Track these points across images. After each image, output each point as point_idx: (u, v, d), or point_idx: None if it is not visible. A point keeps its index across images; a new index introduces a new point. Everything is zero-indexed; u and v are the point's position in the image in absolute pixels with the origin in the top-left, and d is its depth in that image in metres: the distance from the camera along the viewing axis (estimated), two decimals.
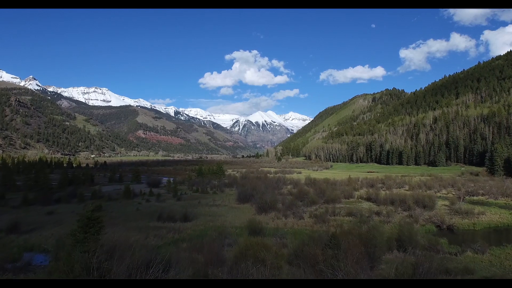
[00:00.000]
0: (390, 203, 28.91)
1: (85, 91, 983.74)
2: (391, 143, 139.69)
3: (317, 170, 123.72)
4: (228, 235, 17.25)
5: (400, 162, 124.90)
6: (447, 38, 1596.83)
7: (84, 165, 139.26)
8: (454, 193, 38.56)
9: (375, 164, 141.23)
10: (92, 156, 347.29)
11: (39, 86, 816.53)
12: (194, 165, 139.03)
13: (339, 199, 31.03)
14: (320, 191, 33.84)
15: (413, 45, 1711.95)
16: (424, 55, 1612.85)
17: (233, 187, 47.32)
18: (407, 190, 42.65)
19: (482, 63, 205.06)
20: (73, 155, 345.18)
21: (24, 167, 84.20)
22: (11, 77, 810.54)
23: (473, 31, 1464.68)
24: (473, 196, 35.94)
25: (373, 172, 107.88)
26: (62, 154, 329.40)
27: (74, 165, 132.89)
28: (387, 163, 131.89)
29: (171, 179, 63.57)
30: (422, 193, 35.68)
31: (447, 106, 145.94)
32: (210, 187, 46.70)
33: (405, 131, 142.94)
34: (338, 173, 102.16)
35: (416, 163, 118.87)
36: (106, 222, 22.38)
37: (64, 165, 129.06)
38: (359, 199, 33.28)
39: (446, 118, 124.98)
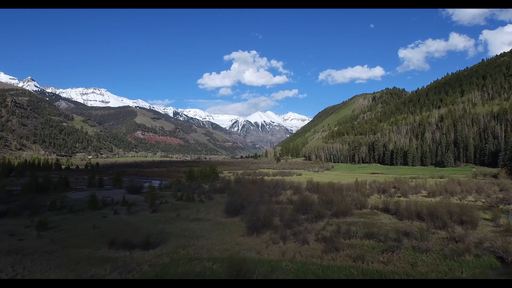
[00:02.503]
0: (416, 217, 22.96)
1: (84, 92, 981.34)
2: (395, 142, 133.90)
3: (318, 171, 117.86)
4: (199, 277, 11.31)
5: (405, 163, 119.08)
6: (445, 38, 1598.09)
7: (74, 166, 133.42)
8: (483, 200, 32.63)
9: (378, 164, 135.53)
10: (89, 157, 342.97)
11: (37, 87, 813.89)
12: (190, 166, 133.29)
13: (351, 210, 25.03)
14: (327, 200, 27.86)
15: (412, 45, 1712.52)
16: (423, 55, 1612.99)
17: (224, 193, 41.28)
18: (426, 197, 36.74)
19: (486, 60, 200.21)
20: (70, 157, 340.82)
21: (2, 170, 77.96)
22: (9, 78, 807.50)
23: (472, 30, 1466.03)
24: (508, 204, 30.04)
25: (377, 173, 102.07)
26: (58, 155, 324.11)
27: (63, 166, 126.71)
28: (391, 164, 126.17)
29: (157, 182, 57.43)
30: (450, 201, 29.77)
31: (453, 104, 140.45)
32: (198, 193, 40.70)
33: (410, 130, 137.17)
34: (341, 174, 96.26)
35: (422, 164, 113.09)
36: (41, 249, 16.41)
37: (53, 167, 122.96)
38: (374, 210, 27.28)
39: (453, 116, 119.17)
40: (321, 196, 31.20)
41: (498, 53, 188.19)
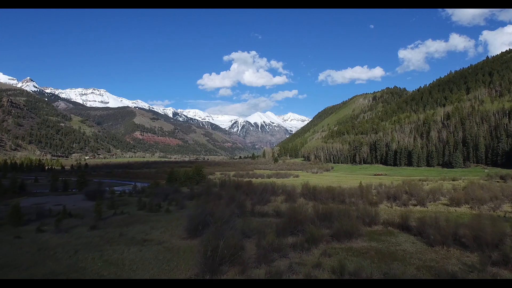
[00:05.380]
0: (452, 240, 15.99)
1: (83, 93, 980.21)
2: (398, 142, 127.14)
3: (316, 172, 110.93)
4: None
5: (409, 163, 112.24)
6: (445, 38, 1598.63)
7: (59, 167, 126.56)
8: None
9: (381, 165, 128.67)
10: (86, 157, 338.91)
11: (36, 87, 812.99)
12: (183, 167, 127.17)
13: (358, 229, 18.01)
14: (325, 212, 20.87)
15: (412, 45, 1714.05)
16: (422, 55, 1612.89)
17: (201, 198, 34.24)
18: (447, 205, 29.80)
19: (491, 57, 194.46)
20: (66, 157, 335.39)
21: None
22: (8, 79, 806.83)
23: (472, 31, 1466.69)
24: None
25: (381, 174, 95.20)
26: (53, 155, 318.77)
27: (48, 167, 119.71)
28: (395, 164, 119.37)
29: (138, 185, 50.58)
30: (484, 213, 22.86)
31: (459, 102, 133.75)
32: (170, 200, 33.84)
33: (414, 129, 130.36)
34: (342, 176, 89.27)
35: (428, 164, 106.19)
36: None
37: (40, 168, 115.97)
38: (389, 227, 20.27)
39: (460, 114, 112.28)
40: (317, 206, 24.20)
41: (499, 53, 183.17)
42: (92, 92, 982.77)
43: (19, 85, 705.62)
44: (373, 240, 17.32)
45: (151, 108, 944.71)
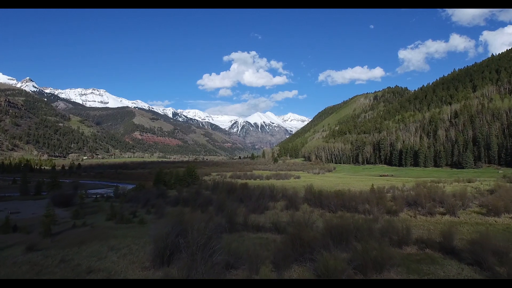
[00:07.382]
0: None
1: (83, 93, 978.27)
2: (403, 141, 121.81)
3: (318, 173, 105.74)
4: None
5: (416, 164, 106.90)
6: (445, 39, 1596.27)
7: (50, 167, 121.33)
8: None
9: (385, 165, 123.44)
10: (84, 157, 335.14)
11: (36, 87, 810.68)
12: (180, 167, 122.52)
13: (389, 255, 12.79)
14: (340, 228, 15.65)
15: (412, 45, 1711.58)
16: (422, 55, 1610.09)
17: (188, 205, 29.08)
18: (484, 214, 24.60)
19: (496, 55, 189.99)
20: (64, 157, 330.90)
21: None
22: (8, 79, 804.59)
23: (472, 31, 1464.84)
24: None
25: (387, 175, 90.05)
26: (51, 155, 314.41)
27: (35, 167, 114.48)
28: (400, 165, 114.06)
29: (126, 187, 45.44)
30: None
31: (466, 99, 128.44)
32: (149, 207, 28.70)
33: (419, 128, 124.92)
34: (346, 177, 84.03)
35: (436, 165, 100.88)
36: None
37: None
38: (426, 249, 15.10)
39: (469, 112, 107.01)
40: (327, 217, 19.00)
41: (504, 50, 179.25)
42: (91, 92, 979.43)
43: (18, 85, 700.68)
44: (412, 271, 12.16)
45: (150, 108, 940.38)
